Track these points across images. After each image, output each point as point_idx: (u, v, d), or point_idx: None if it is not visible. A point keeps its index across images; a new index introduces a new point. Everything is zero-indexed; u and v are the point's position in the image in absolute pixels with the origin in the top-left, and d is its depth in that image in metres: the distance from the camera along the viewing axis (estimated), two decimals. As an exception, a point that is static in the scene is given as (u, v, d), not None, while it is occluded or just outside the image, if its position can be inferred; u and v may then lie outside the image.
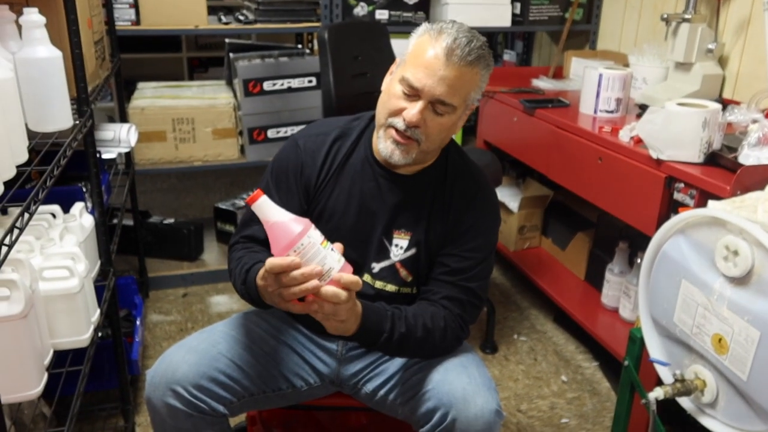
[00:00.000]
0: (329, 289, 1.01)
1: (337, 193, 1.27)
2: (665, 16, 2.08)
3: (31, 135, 1.21)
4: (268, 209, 1.03)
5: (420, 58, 1.14)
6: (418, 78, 1.13)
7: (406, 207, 1.27)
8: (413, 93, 1.15)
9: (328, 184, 1.28)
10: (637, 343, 1.47)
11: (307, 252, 1.01)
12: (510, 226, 2.69)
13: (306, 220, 1.04)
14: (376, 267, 1.28)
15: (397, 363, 1.30)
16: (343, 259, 1.06)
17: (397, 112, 1.16)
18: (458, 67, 1.12)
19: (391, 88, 1.19)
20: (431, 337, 1.21)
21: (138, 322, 2.09)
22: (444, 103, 1.15)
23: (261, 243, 1.28)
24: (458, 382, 1.17)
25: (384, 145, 1.20)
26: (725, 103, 1.89)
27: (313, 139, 1.30)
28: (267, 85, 2.54)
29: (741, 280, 1.14)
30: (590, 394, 2.08)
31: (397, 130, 1.17)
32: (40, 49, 1.20)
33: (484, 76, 1.18)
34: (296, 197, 1.28)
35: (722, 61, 2.17)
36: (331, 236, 1.27)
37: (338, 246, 1.08)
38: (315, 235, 1.03)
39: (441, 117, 1.16)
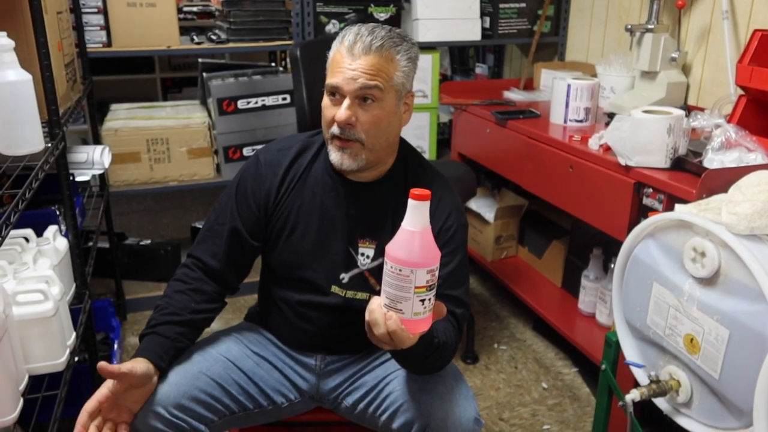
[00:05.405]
0: (396, 325, 0.97)
1: (298, 204, 1.29)
2: (629, 26, 2.13)
3: (2, 159, 1.20)
4: (428, 215, 0.96)
5: (333, 64, 1.20)
6: (335, 78, 1.18)
7: (368, 216, 1.28)
8: (338, 95, 1.19)
9: (289, 197, 1.29)
10: (612, 346, 1.49)
11: (433, 282, 0.95)
12: (487, 236, 2.72)
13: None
14: (346, 277, 1.29)
15: (376, 375, 1.30)
16: (420, 317, 0.98)
17: (333, 121, 1.20)
18: (365, 56, 1.16)
19: (323, 104, 1.23)
20: (450, 348, 1.19)
21: (116, 345, 2.07)
22: (367, 87, 1.16)
23: (214, 260, 1.29)
24: (435, 392, 1.18)
25: (333, 156, 1.23)
26: (690, 110, 1.94)
27: (274, 154, 1.32)
28: (241, 104, 2.54)
29: (709, 281, 1.17)
30: (571, 400, 2.10)
31: (336, 137, 1.20)
32: (9, 72, 1.19)
33: (402, 58, 1.20)
34: (254, 212, 1.30)
35: (686, 69, 2.23)
36: (296, 248, 1.28)
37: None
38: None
39: (372, 108, 1.18)
